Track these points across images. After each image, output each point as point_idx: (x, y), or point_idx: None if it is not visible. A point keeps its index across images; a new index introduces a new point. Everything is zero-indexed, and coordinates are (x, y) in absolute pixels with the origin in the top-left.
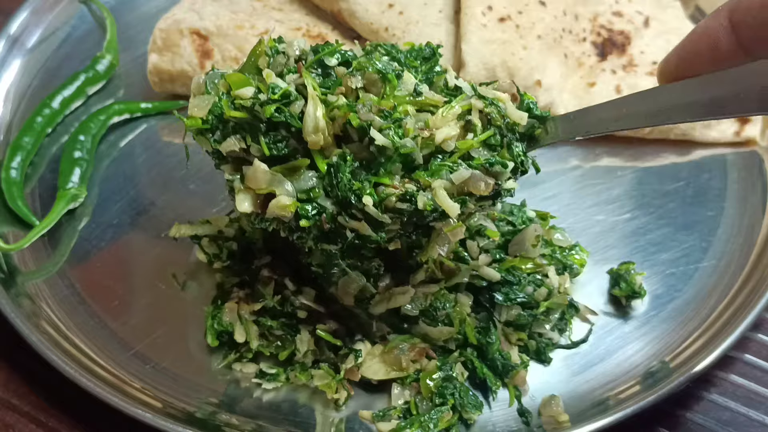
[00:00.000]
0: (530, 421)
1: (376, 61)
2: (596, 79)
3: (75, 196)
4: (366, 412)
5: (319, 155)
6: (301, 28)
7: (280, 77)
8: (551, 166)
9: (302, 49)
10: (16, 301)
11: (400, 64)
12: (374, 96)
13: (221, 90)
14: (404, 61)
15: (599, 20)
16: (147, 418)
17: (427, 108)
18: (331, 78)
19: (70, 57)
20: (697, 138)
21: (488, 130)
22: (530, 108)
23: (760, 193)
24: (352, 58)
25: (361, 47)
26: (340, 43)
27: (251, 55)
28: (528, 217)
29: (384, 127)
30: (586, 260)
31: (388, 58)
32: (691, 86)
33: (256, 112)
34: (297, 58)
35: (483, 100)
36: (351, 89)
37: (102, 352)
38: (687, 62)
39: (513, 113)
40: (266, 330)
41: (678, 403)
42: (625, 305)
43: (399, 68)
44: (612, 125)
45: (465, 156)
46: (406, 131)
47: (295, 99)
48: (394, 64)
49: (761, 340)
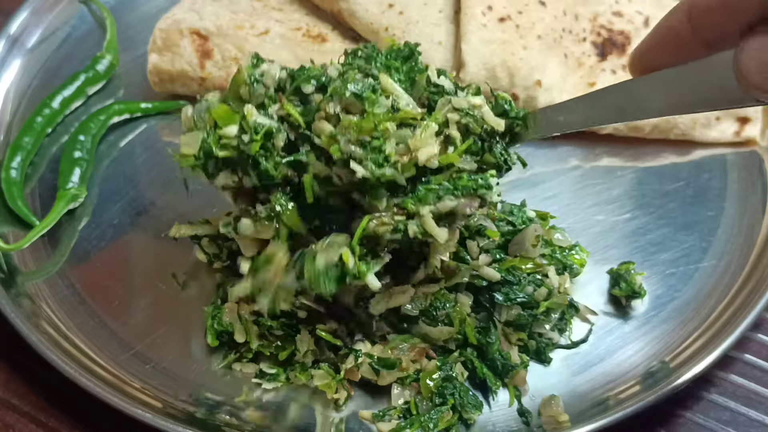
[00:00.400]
0: (530, 421)
1: (350, 85)
2: (596, 79)
3: (75, 196)
4: (366, 412)
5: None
6: (301, 28)
7: (262, 107)
8: (551, 166)
9: (279, 77)
10: (16, 301)
11: (381, 66)
12: (353, 119)
13: (208, 125)
14: (384, 62)
15: (599, 20)
16: (147, 418)
17: (406, 122)
18: (310, 105)
19: (70, 57)
20: (697, 138)
21: (468, 139)
22: (505, 110)
23: (760, 193)
24: (328, 83)
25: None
26: (313, 67)
27: (232, 83)
28: (528, 217)
29: (364, 157)
30: (586, 260)
31: (364, 74)
32: (658, 79)
33: (242, 150)
34: (276, 87)
35: (458, 112)
36: (331, 114)
37: (102, 352)
38: (652, 55)
39: (490, 120)
40: (266, 330)
41: (678, 403)
42: (625, 305)
43: (375, 82)
44: (588, 120)
45: (449, 168)
46: (387, 156)
47: (278, 132)
48: (369, 80)
49: (761, 340)
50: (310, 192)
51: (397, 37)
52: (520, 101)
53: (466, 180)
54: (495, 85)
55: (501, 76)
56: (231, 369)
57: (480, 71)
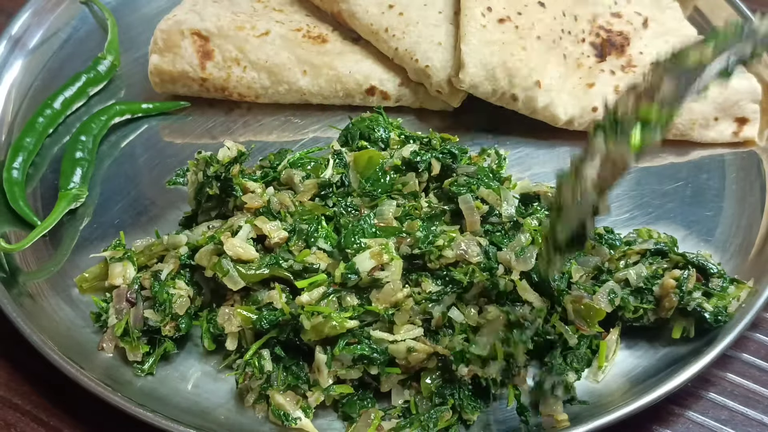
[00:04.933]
0: (529, 421)
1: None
2: (595, 80)
3: (76, 196)
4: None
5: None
6: (301, 29)
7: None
8: (551, 167)
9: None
10: (17, 300)
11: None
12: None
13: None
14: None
15: (598, 21)
16: (148, 418)
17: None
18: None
19: (71, 57)
20: (695, 138)
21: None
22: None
23: (759, 193)
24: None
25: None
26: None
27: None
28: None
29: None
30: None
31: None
32: None
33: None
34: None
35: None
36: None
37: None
38: None
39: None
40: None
41: (677, 402)
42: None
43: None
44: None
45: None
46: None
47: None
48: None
49: (759, 339)
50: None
51: (397, 38)
52: (519, 102)
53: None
54: (494, 86)
55: (500, 76)
56: (231, 369)
57: (479, 72)
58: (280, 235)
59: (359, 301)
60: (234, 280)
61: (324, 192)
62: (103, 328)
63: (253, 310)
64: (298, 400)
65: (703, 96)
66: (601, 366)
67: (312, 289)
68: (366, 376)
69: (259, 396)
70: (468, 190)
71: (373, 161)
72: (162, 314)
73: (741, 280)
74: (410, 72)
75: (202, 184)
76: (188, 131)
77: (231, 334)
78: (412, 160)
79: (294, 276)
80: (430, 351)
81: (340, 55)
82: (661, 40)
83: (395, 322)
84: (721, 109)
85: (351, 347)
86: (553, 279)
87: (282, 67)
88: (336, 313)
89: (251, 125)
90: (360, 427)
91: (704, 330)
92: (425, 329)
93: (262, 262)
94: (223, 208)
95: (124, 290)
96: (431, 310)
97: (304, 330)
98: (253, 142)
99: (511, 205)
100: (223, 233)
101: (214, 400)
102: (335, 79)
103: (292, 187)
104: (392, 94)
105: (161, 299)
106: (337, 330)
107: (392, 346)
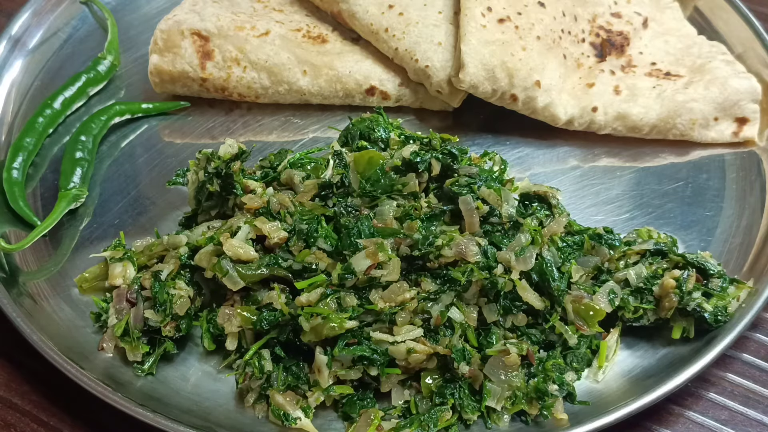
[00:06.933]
0: (529, 421)
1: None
2: (595, 80)
3: (76, 196)
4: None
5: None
6: (301, 29)
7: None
8: (550, 167)
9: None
10: (17, 300)
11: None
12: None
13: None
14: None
15: (598, 21)
16: (147, 418)
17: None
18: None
19: (71, 58)
20: (695, 138)
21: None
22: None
23: (759, 193)
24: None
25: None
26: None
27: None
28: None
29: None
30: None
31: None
32: None
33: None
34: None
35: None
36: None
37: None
38: None
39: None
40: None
41: (677, 402)
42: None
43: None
44: None
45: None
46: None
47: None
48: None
49: (759, 339)
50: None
51: (397, 38)
52: (519, 102)
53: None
54: (494, 86)
55: (500, 76)
56: (231, 369)
57: (479, 72)
58: (280, 235)
59: (358, 302)
60: (233, 281)
61: (324, 192)
62: (103, 328)
63: (253, 311)
64: (298, 400)
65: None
66: (601, 366)
67: (311, 290)
68: (366, 377)
69: (259, 396)
70: (469, 191)
71: (373, 162)
72: (162, 314)
73: (741, 280)
74: (410, 72)
75: (203, 181)
76: (188, 131)
77: (231, 335)
78: (412, 160)
79: (294, 276)
80: (431, 352)
81: (340, 55)
82: (661, 40)
83: (396, 322)
84: (721, 109)
85: (351, 348)
86: (552, 279)
87: (282, 67)
88: (335, 314)
89: (251, 125)
90: (360, 427)
91: (704, 330)
92: (425, 329)
93: (261, 263)
94: (224, 207)
95: (124, 290)
96: (429, 309)
97: (303, 331)
98: (253, 142)
99: (511, 206)
100: (222, 233)
101: (214, 400)
102: (335, 79)
103: (292, 187)
104: (392, 94)
105: (161, 299)
106: (336, 331)
107: (392, 347)
